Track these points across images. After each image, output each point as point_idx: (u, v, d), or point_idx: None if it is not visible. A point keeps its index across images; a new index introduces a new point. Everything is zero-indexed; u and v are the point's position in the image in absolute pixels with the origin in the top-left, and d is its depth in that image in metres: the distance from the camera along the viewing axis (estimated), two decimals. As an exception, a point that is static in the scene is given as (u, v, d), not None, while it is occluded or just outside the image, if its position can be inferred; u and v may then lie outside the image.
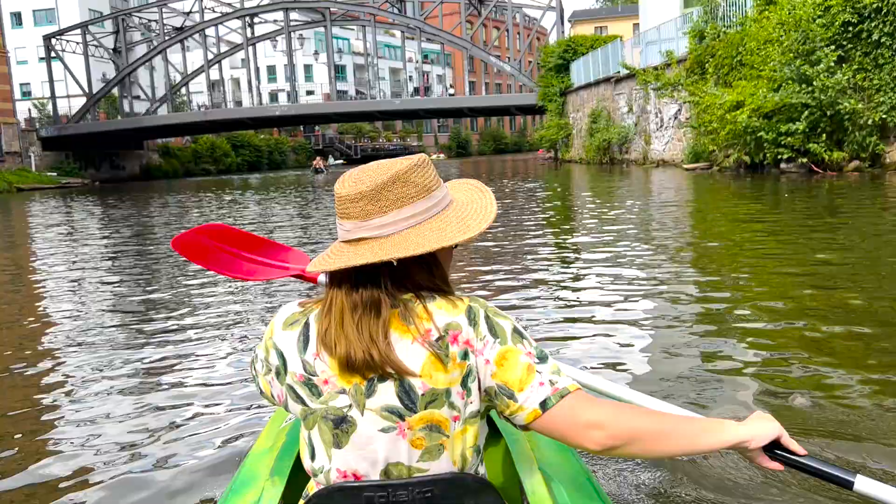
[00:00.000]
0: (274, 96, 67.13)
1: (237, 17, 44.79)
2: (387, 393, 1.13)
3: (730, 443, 1.18)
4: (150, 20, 47.53)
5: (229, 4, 45.75)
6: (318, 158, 47.89)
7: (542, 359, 1.17)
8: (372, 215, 1.15)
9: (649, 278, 5.55)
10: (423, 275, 1.18)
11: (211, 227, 1.81)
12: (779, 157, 14.82)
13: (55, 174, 41.58)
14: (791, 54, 14.01)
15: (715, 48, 18.37)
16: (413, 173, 1.16)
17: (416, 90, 57.23)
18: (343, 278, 1.16)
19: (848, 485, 1.21)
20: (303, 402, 1.18)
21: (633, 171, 22.93)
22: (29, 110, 46.90)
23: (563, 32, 42.27)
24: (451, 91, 61.51)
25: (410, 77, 59.45)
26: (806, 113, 13.88)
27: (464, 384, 1.14)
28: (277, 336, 1.20)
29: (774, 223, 8.55)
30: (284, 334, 1.19)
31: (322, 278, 1.69)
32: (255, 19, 46.93)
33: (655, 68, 21.00)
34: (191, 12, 45.42)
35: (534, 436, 1.53)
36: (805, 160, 14.44)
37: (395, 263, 1.15)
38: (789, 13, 14.26)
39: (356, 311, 1.14)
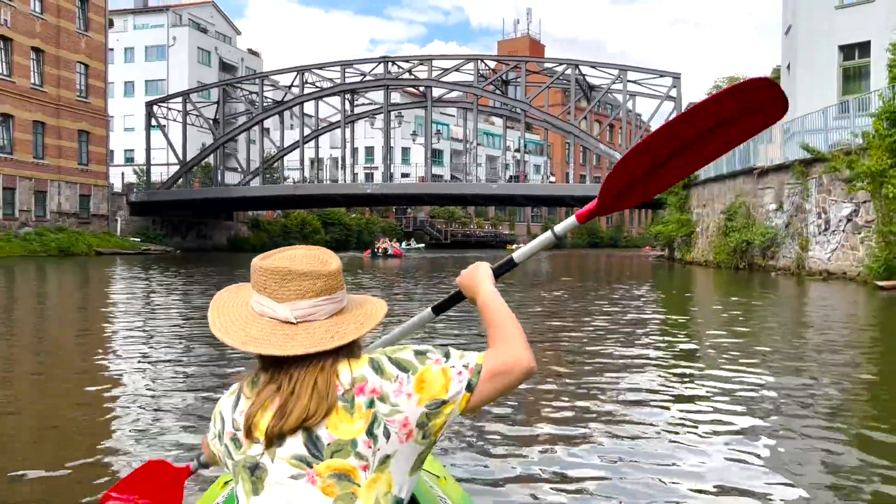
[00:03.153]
0: (369, 176, 66.03)
1: (336, 94, 43.54)
2: (295, 444, 1.22)
3: (487, 293, 1.45)
4: (251, 92, 47.17)
5: (331, 80, 44.69)
6: (383, 239, 43.63)
7: (448, 356, 1.28)
8: (341, 288, 1.32)
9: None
10: (355, 348, 1.30)
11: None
12: None
13: (139, 240, 40.46)
14: None
15: (921, 133, 14.17)
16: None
17: (513, 178, 54.46)
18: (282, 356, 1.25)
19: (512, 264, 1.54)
20: (231, 457, 1.28)
21: (783, 282, 18.44)
22: (122, 174, 46.71)
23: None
24: (552, 179, 58.43)
25: (507, 165, 56.93)
26: None
27: (370, 433, 1.21)
28: (222, 404, 1.34)
29: None
30: (226, 401, 1.33)
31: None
32: (356, 102, 45.69)
33: (847, 153, 16.75)
34: (292, 86, 44.63)
35: None
36: None
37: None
38: None
39: (289, 381, 1.24)
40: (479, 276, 1.49)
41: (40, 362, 6.46)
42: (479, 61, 41.72)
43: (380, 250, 38.66)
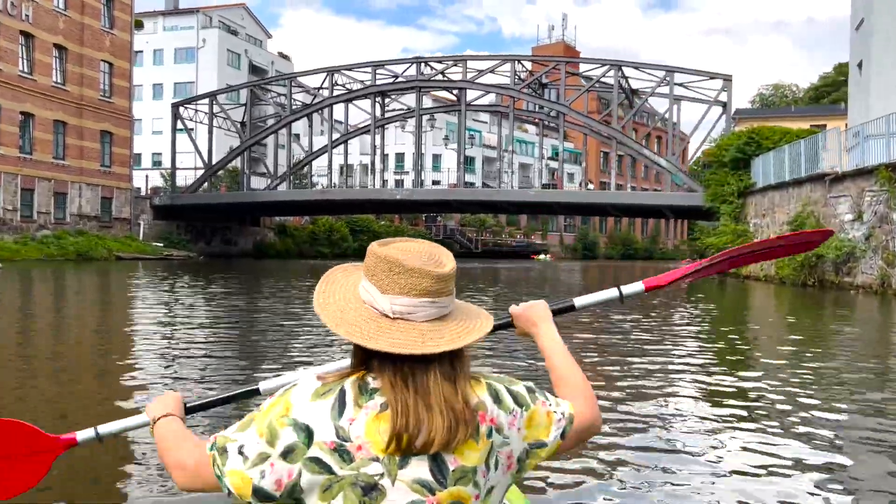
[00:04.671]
0: (399, 182, 64.48)
1: (367, 96, 41.93)
2: (420, 467, 1.15)
3: (552, 339, 1.46)
4: (279, 94, 45.82)
5: (361, 82, 43.12)
6: None
7: (547, 398, 1.28)
8: (450, 293, 1.22)
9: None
10: (468, 357, 1.23)
11: None
12: None
13: (161, 244, 39.18)
14: None
15: None
16: None
17: (547, 185, 52.33)
18: (407, 357, 1.16)
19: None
20: (329, 471, 1.14)
21: (866, 301, 16.19)
22: (147, 177, 45.61)
23: (731, 127, 36.39)
24: (591, 186, 56.18)
25: (541, 172, 54.96)
26: None
27: (486, 463, 1.19)
28: (302, 410, 1.16)
29: None
30: (313, 405, 1.16)
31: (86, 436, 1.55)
32: (387, 107, 44.01)
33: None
34: (321, 87, 43.12)
35: None
36: None
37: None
38: None
39: (430, 391, 1.17)
40: (541, 314, 1.50)
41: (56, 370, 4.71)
42: (516, 62, 39.84)
43: None
